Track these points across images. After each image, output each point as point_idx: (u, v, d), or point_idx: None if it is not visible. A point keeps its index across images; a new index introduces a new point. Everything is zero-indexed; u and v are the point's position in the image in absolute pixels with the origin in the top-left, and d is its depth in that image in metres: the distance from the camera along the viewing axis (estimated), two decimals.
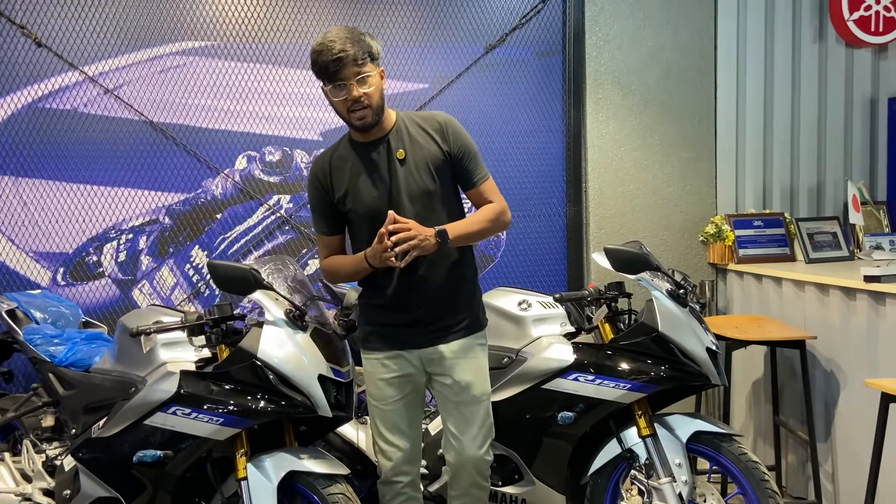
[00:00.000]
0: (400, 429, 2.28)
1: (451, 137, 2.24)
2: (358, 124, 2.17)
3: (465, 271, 2.30)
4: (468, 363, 2.27)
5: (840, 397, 3.13)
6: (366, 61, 2.11)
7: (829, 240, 3.79)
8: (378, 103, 2.16)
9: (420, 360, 2.28)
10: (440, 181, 2.23)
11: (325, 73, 2.11)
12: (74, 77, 3.36)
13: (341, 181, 2.23)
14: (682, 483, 2.40)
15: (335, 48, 2.07)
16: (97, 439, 2.38)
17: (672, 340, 2.47)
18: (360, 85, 2.11)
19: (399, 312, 2.25)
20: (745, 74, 3.92)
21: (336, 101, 2.14)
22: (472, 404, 2.27)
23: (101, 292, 3.43)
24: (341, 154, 2.26)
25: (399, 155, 2.21)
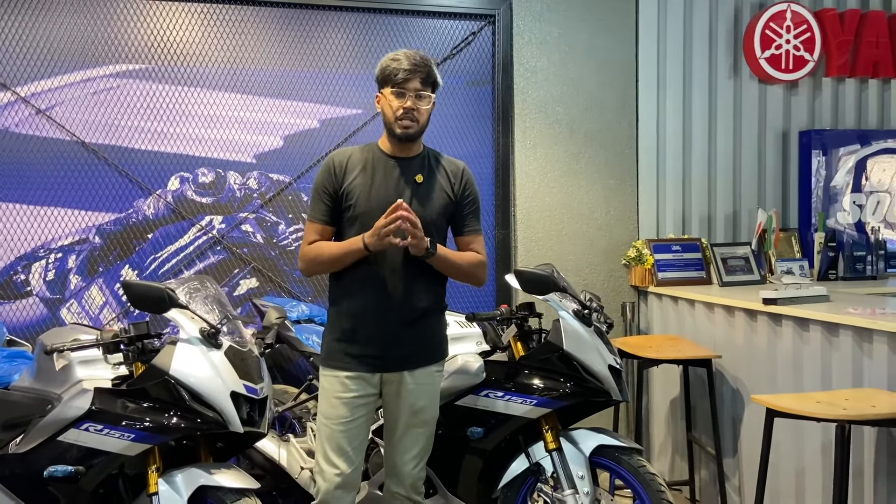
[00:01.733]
0: (344, 451, 2.29)
1: (464, 184, 2.40)
2: (399, 132, 2.28)
3: (437, 301, 2.39)
4: (425, 390, 2.35)
5: (745, 413, 3.30)
6: (429, 85, 2.30)
7: (741, 264, 3.99)
8: (423, 124, 2.32)
9: (379, 382, 2.33)
10: (441, 217, 2.35)
11: (393, 77, 2.25)
12: (6, 97, 3.39)
13: (355, 177, 2.31)
14: (584, 494, 2.52)
15: (412, 60, 2.26)
16: (12, 455, 2.39)
17: (576, 358, 2.60)
18: (418, 100, 2.27)
19: (368, 332, 2.28)
20: (665, 107, 4.13)
21: (391, 104, 2.27)
22: (420, 427, 2.36)
23: (29, 311, 3.43)
24: (364, 155, 2.35)
25: (418, 179, 2.33)
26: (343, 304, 2.32)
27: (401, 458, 2.37)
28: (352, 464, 2.30)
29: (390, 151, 2.36)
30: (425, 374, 2.36)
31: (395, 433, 2.37)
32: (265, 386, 2.44)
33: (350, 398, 2.29)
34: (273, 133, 3.71)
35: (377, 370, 2.31)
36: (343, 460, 2.29)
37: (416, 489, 2.40)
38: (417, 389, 2.34)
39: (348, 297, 2.31)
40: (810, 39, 4.24)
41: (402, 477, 2.38)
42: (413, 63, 2.26)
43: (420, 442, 2.38)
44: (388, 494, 2.42)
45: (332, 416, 2.30)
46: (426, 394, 2.36)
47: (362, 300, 2.29)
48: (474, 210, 2.42)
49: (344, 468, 2.29)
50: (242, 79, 3.66)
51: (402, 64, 2.25)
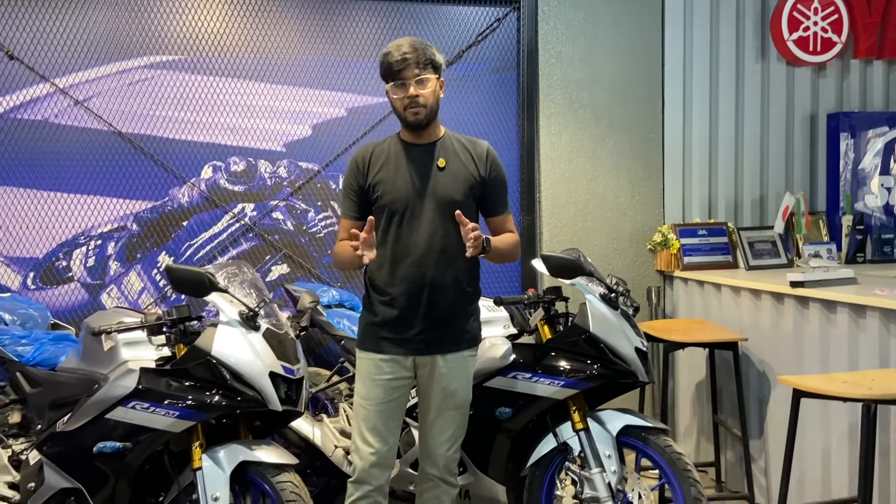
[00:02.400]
0: (379, 431, 2.35)
1: (489, 165, 2.42)
2: (411, 120, 2.32)
3: (470, 286, 2.43)
4: (458, 374, 2.40)
5: (771, 395, 3.33)
6: (427, 67, 2.30)
7: (768, 248, 4.00)
8: (433, 106, 2.33)
9: (413, 365, 2.38)
10: (467, 198, 2.38)
11: (390, 71, 2.30)
12: (46, 89, 3.50)
13: (379, 170, 2.37)
14: (612, 473, 2.58)
15: (402, 50, 2.28)
16: (61, 433, 2.51)
17: (602, 341, 2.65)
18: (419, 86, 2.29)
19: (402, 316, 2.34)
20: (692, 91, 4.13)
21: (395, 97, 2.32)
22: (452, 410, 2.41)
23: (71, 296, 3.55)
24: (386, 147, 2.41)
25: (440, 163, 2.37)
26: (378, 288, 2.39)
27: (434, 440, 2.43)
28: (386, 443, 2.37)
29: (410, 139, 2.41)
30: (458, 358, 2.40)
31: (429, 416, 2.42)
32: (301, 367, 2.52)
33: (385, 380, 2.35)
34: (302, 122, 3.79)
35: (410, 353, 2.36)
36: (378, 440, 2.35)
37: (449, 471, 2.46)
38: (450, 373, 2.39)
39: (382, 282, 2.37)
40: (838, 21, 4.21)
41: (435, 459, 2.44)
42: (404, 52, 2.28)
43: (453, 425, 2.43)
44: (422, 476, 2.48)
45: (368, 397, 2.37)
46: (459, 378, 2.41)
47: (396, 285, 2.34)
48: (503, 188, 2.46)
49: (379, 447, 2.36)
50: (272, 69, 3.73)
51: (394, 56, 2.29)
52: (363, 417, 2.37)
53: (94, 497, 2.46)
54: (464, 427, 2.48)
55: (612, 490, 2.57)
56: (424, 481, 2.48)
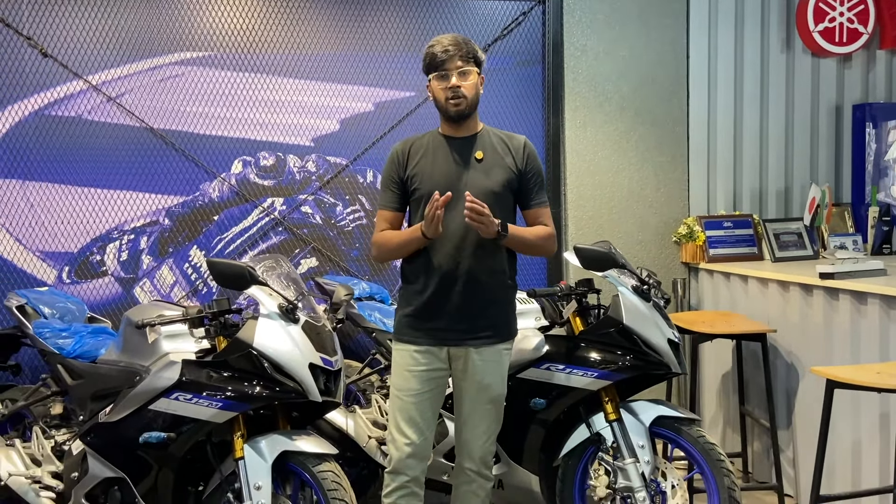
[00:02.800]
0: (416, 422, 2.38)
1: (526, 158, 2.46)
2: (453, 112, 2.37)
3: (506, 279, 2.46)
4: (493, 367, 2.42)
5: (799, 387, 3.34)
6: (470, 61, 2.38)
7: (794, 240, 4.00)
8: (473, 99, 2.39)
9: (448, 356, 2.42)
10: (504, 191, 2.42)
11: (434, 63, 2.37)
12: (79, 86, 3.55)
13: (417, 162, 2.42)
14: (645, 463, 2.61)
15: (445, 44, 2.36)
16: (105, 424, 2.57)
17: (636, 332, 2.67)
18: (461, 77, 2.36)
19: (437, 306, 2.37)
20: (716, 83, 4.13)
21: (438, 88, 2.37)
22: (487, 403, 2.44)
23: (105, 290, 3.61)
24: (425, 141, 2.46)
25: (478, 155, 2.42)
26: (413, 281, 2.43)
27: (470, 433, 2.45)
28: (422, 434, 2.40)
29: (449, 133, 2.45)
30: (493, 352, 2.43)
31: (464, 409, 2.45)
32: (339, 358, 2.56)
33: (420, 371, 2.39)
34: (330, 117, 3.82)
35: (444, 343, 2.39)
36: (414, 430, 2.39)
37: (485, 464, 2.49)
38: (485, 367, 2.41)
39: (418, 274, 2.41)
40: (864, 11, 4.19)
41: (471, 452, 2.46)
42: (449, 44, 2.37)
43: (488, 418, 2.45)
44: (459, 469, 2.51)
45: (404, 388, 2.40)
46: (493, 372, 2.43)
47: (431, 277, 2.38)
48: (539, 182, 2.49)
49: (415, 438, 2.39)
50: (300, 64, 3.77)
51: (439, 48, 2.37)
52: (399, 408, 2.40)
53: (138, 486, 2.51)
54: (499, 421, 2.50)
55: (645, 480, 2.60)
56: (460, 475, 2.51)
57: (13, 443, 2.88)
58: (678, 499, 2.62)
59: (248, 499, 2.34)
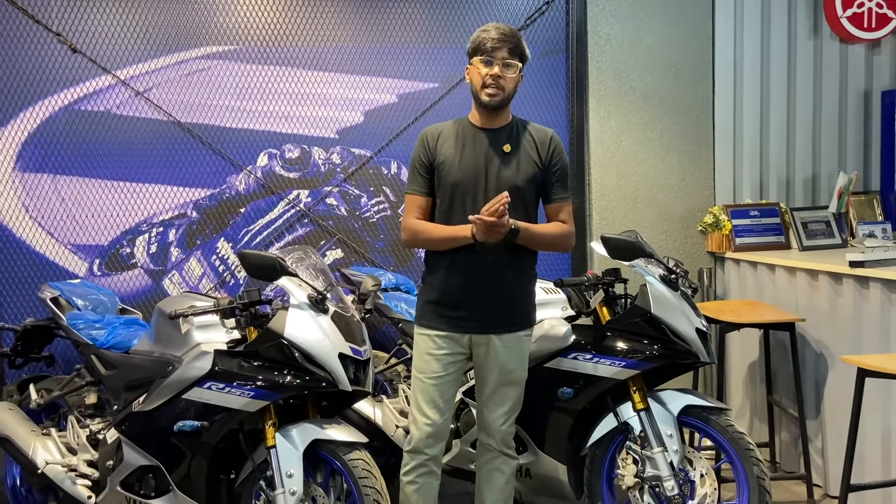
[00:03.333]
0: (436, 404, 2.45)
1: (552, 151, 2.48)
2: (486, 100, 2.38)
3: (527, 270, 2.51)
4: (515, 353, 2.48)
5: (828, 376, 3.31)
6: (516, 55, 2.39)
7: (822, 228, 3.96)
8: (509, 93, 2.41)
9: (469, 342, 2.47)
10: (529, 184, 2.44)
11: (483, 47, 2.37)
12: (107, 81, 3.59)
13: (446, 149, 2.44)
14: (673, 452, 2.61)
15: (501, 32, 2.37)
16: (139, 413, 2.61)
17: (663, 321, 2.67)
18: (505, 69, 2.37)
19: (460, 296, 2.42)
20: (742, 70, 4.09)
21: (479, 72, 2.38)
22: (509, 386, 2.50)
23: (135, 282, 3.67)
24: (455, 129, 2.48)
25: (506, 148, 2.43)
26: (436, 270, 2.47)
27: (491, 413, 2.51)
28: (442, 415, 2.47)
29: (479, 123, 2.46)
30: (514, 339, 2.47)
31: (486, 391, 2.51)
32: (367, 348, 2.58)
33: (441, 355, 2.44)
34: (354, 109, 3.84)
35: (466, 332, 2.44)
36: (434, 411, 2.45)
37: (506, 443, 2.54)
38: (507, 352, 2.46)
39: (441, 264, 2.45)
40: None
41: (492, 431, 2.52)
42: (502, 33, 2.37)
43: (509, 400, 2.51)
44: (482, 448, 2.57)
45: (425, 370, 2.46)
46: (515, 357, 2.48)
47: (454, 267, 2.42)
48: (562, 177, 2.50)
49: (435, 418, 2.46)
50: (325, 56, 3.79)
51: (492, 34, 2.37)
52: (420, 390, 2.47)
53: (172, 474, 2.56)
54: (520, 403, 2.55)
55: (673, 469, 2.60)
56: (484, 453, 2.56)
57: (49, 432, 2.94)
58: (707, 487, 2.62)
59: (279, 486, 2.38)
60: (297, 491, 2.37)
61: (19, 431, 2.88)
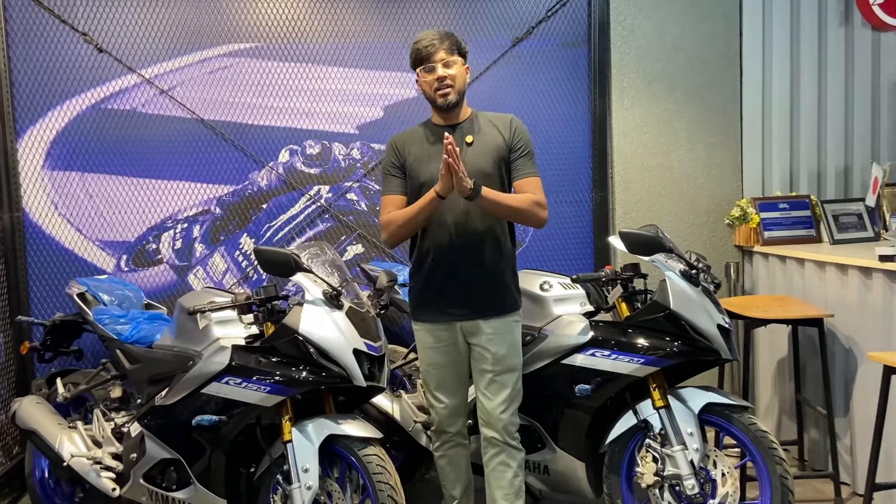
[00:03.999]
0: (446, 387, 2.59)
1: (514, 132, 2.57)
2: (440, 102, 2.49)
3: (505, 257, 2.58)
4: (504, 338, 2.54)
5: (858, 373, 3.22)
6: (454, 52, 2.50)
7: (854, 221, 3.85)
8: (460, 88, 2.51)
9: (462, 331, 2.55)
10: (497, 169, 2.53)
11: (420, 57, 2.49)
12: (133, 80, 3.65)
13: (414, 150, 2.55)
14: (694, 451, 2.56)
15: (430, 38, 2.48)
16: (160, 407, 2.66)
17: (684, 318, 2.62)
18: (446, 68, 2.47)
19: (444, 287, 2.52)
20: (771, 59, 3.99)
21: (426, 80, 2.49)
22: (504, 374, 2.54)
23: (160, 277, 3.73)
24: (420, 131, 2.60)
25: (468, 139, 2.53)
26: (419, 265, 2.58)
27: (490, 403, 2.54)
28: (455, 395, 2.60)
29: (440, 122, 2.58)
30: (502, 323, 2.53)
31: (482, 381, 2.56)
32: (383, 344, 2.59)
33: (440, 346, 2.56)
34: (374, 104, 3.84)
35: (456, 319, 2.53)
36: (447, 395, 2.60)
37: (508, 433, 2.56)
38: (497, 337, 2.52)
39: (423, 259, 2.55)
40: None
41: (493, 422, 2.55)
42: (432, 38, 2.48)
43: (506, 388, 2.54)
44: (486, 442, 2.59)
45: (430, 362, 2.59)
46: (505, 341, 2.54)
47: (435, 260, 2.52)
48: (526, 155, 2.57)
49: (449, 401, 2.60)
50: (344, 52, 3.79)
51: (424, 42, 2.48)
52: (429, 379, 2.61)
53: (193, 467, 2.60)
54: (518, 391, 2.58)
55: (694, 467, 2.56)
56: (489, 448, 2.58)
57: (75, 425, 3.01)
58: (728, 486, 2.57)
59: (296, 481, 2.40)
60: (312, 485, 2.39)
61: (46, 424, 2.96)
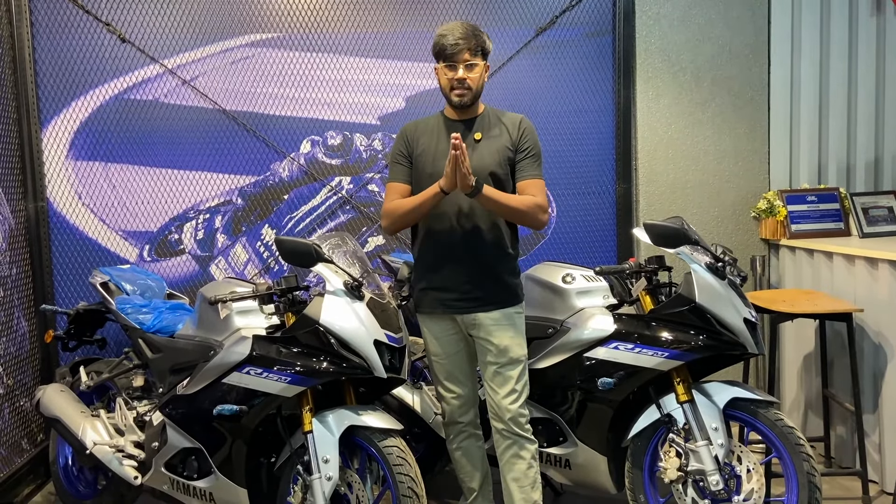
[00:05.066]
0: (456, 377, 2.62)
1: (522, 133, 2.56)
2: (455, 101, 2.50)
3: (506, 250, 2.57)
4: (506, 330, 2.54)
5: (887, 369, 3.16)
6: (478, 54, 2.49)
7: (884, 214, 3.77)
8: (477, 90, 2.52)
9: (463, 324, 2.56)
10: (503, 168, 2.53)
11: (443, 53, 2.47)
12: (155, 70, 3.66)
13: (423, 142, 2.56)
14: (718, 446, 2.52)
15: (456, 35, 2.45)
16: (182, 396, 2.67)
17: (709, 311, 2.57)
18: (468, 70, 2.47)
19: (446, 280, 2.53)
20: (800, 49, 3.90)
21: (444, 77, 2.50)
22: (508, 365, 2.53)
23: (183, 267, 3.75)
24: (431, 123, 2.61)
25: (477, 136, 2.54)
26: (422, 258, 2.60)
27: (497, 395, 2.55)
28: (464, 386, 2.63)
29: (452, 116, 2.58)
30: (504, 315, 2.53)
31: (488, 373, 2.56)
32: (404, 335, 2.57)
33: (447, 337, 2.59)
34: (395, 95, 3.82)
35: (459, 312, 2.54)
36: (456, 385, 2.63)
37: (517, 424, 2.55)
38: (499, 329, 2.52)
39: (425, 251, 2.57)
40: None
41: (502, 414, 2.54)
42: (460, 36, 2.44)
43: (512, 380, 2.54)
44: (497, 435, 2.59)
45: (437, 353, 2.62)
46: (508, 333, 2.53)
47: (438, 252, 2.54)
48: (532, 157, 2.55)
49: (458, 391, 2.63)
50: (366, 42, 3.77)
51: (451, 39, 2.45)
52: (438, 370, 2.64)
53: (214, 456, 2.60)
54: (525, 382, 2.58)
55: (718, 463, 2.51)
56: (501, 440, 2.58)
57: (98, 413, 3.03)
58: (753, 483, 2.53)
59: (316, 471, 2.40)
60: (332, 476, 2.39)
61: (69, 412, 2.98)
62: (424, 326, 2.62)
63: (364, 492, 2.45)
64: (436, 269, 2.54)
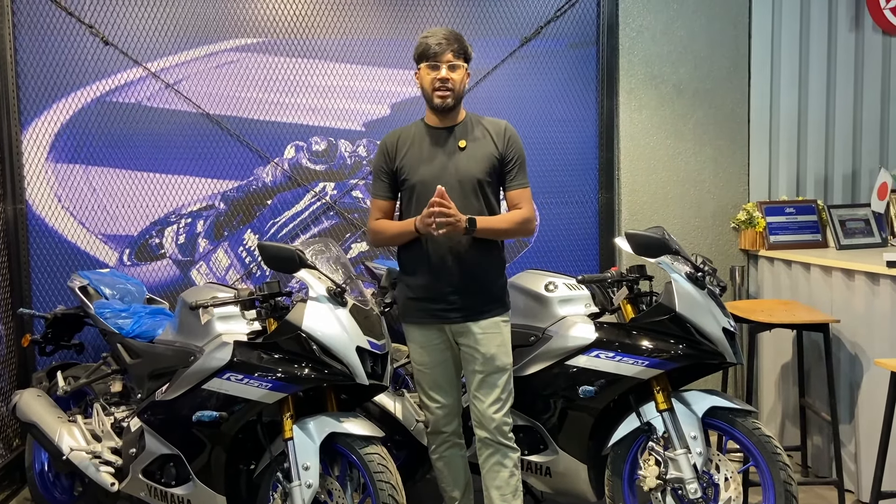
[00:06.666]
0: (440, 386, 2.59)
1: (507, 140, 2.56)
2: (438, 103, 2.48)
3: (493, 259, 2.58)
4: (493, 338, 2.53)
5: (863, 380, 3.20)
6: (460, 57, 2.49)
7: (861, 227, 3.83)
8: (459, 92, 2.50)
9: (451, 333, 2.54)
10: (489, 176, 2.53)
11: (427, 53, 2.47)
12: (138, 73, 3.64)
13: (405, 152, 2.54)
14: (697, 454, 2.54)
15: (440, 37, 2.47)
16: (160, 402, 2.64)
17: (689, 320, 2.60)
18: (451, 71, 2.46)
19: (433, 290, 2.51)
20: (780, 63, 3.97)
21: (427, 78, 2.48)
22: (494, 374, 2.53)
23: (163, 272, 3.72)
24: (412, 132, 2.58)
25: (461, 144, 2.52)
26: (408, 267, 2.58)
27: (482, 403, 2.54)
28: (449, 395, 2.61)
29: (434, 123, 2.56)
30: (491, 324, 2.53)
31: (474, 381, 2.56)
32: (386, 342, 2.57)
33: (432, 346, 2.57)
34: (380, 101, 3.83)
35: (446, 322, 2.53)
36: (441, 394, 2.60)
37: (501, 433, 2.56)
38: (486, 338, 2.52)
39: (412, 260, 2.55)
40: None
41: (486, 422, 2.54)
42: (444, 37, 2.46)
43: (498, 388, 2.54)
44: (480, 443, 2.59)
45: (422, 362, 2.60)
46: (495, 341, 2.53)
47: (424, 261, 2.51)
48: (519, 165, 2.56)
49: (443, 400, 2.60)
50: (352, 49, 3.78)
51: (434, 39, 2.46)
52: (422, 380, 2.61)
53: (192, 463, 2.58)
54: (510, 391, 2.58)
55: (697, 471, 2.53)
56: (483, 448, 2.58)
57: (75, 419, 2.99)
58: (731, 491, 2.55)
59: (296, 478, 2.38)
60: (313, 483, 2.38)
61: (46, 418, 2.94)
62: (410, 336, 2.61)
63: (344, 499, 2.44)
64: (422, 280, 2.52)
